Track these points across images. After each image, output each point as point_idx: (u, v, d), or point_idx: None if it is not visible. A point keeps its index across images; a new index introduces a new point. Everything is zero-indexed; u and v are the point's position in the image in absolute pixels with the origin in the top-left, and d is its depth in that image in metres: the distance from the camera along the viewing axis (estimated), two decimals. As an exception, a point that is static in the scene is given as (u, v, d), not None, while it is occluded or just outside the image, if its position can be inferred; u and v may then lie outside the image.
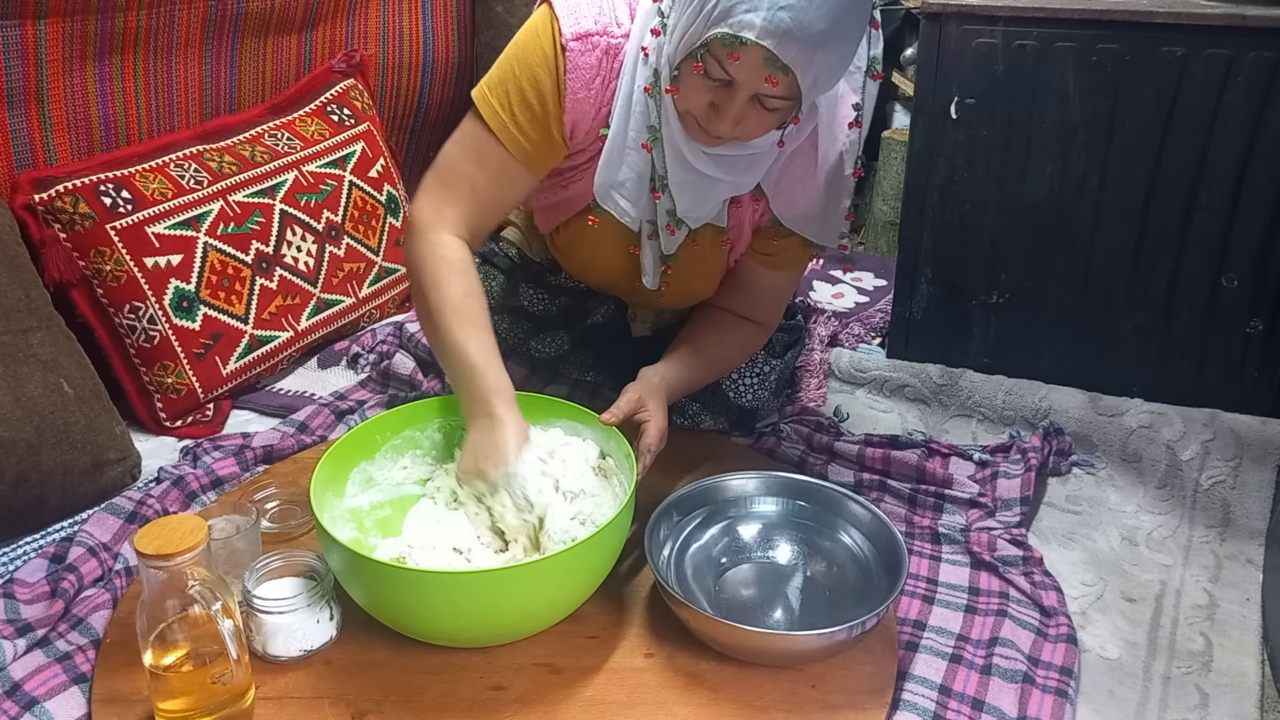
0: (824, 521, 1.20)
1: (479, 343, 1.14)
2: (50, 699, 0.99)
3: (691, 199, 1.19)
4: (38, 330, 1.32)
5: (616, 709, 0.99)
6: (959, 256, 1.65)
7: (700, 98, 1.07)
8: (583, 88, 1.15)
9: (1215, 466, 1.44)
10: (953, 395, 1.63)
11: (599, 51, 1.15)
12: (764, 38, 0.97)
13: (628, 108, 1.17)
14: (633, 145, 1.18)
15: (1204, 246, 1.51)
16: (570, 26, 1.13)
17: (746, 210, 1.29)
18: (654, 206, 1.22)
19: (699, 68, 1.04)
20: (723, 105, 1.06)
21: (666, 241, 1.25)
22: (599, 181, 1.21)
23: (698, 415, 1.47)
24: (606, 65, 1.16)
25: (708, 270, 1.35)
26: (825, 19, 0.97)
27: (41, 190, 1.44)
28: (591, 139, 1.21)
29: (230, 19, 1.73)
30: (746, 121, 1.07)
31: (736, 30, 0.98)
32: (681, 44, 1.05)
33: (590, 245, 1.33)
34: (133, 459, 1.39)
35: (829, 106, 1.19)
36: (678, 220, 1.22)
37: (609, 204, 1.23)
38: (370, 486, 1.20)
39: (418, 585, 0.99)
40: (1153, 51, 1.44)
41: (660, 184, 1.18)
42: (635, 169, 1.19)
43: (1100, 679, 1.11)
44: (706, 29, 1.00)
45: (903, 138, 2.63)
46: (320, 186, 1.75)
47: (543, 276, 1.50)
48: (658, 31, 1.10)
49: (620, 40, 1.16)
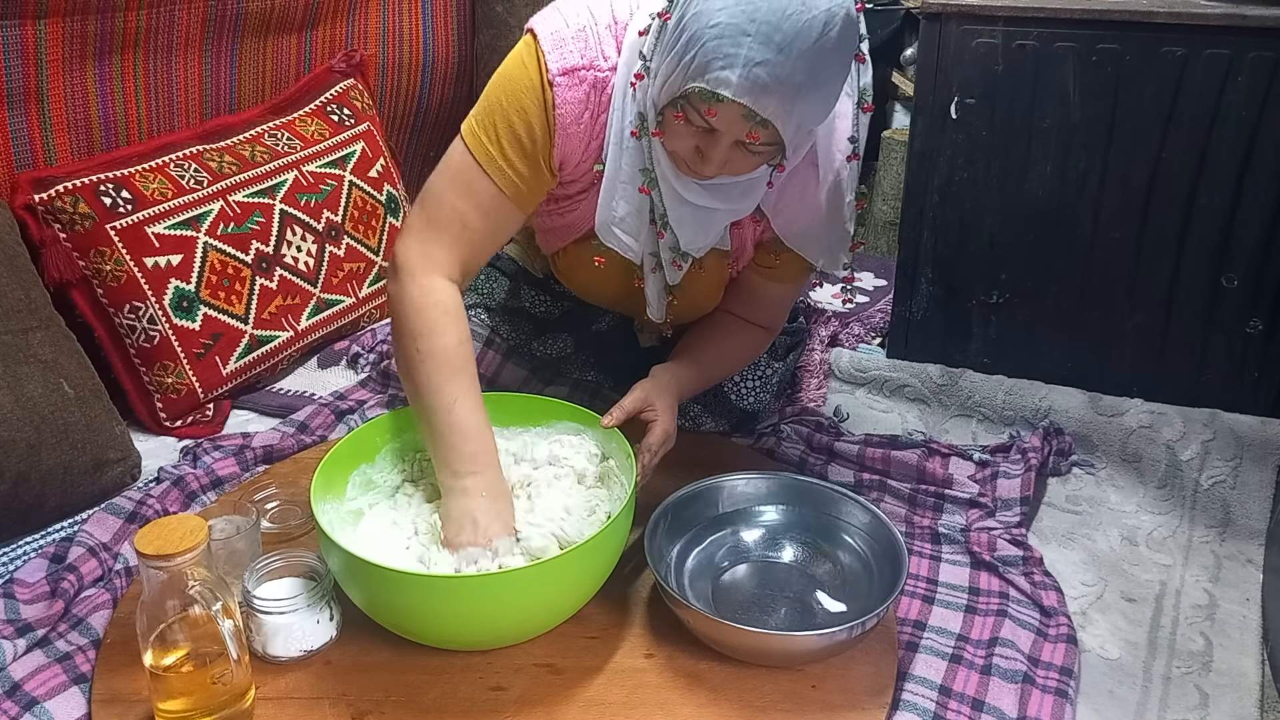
0: (824, 522, 1.20)
1: (469, 400, 1.10)
2: (50, 699, 0.99)
3: (692, 232, 1.18)
4: (38, 330, 1.32)
5: (616, 709, 0.99)
6: (959, 256, 1.65)
7: (685, 142, 1.06)
8: (572, 122, 1.13)
9: (1215, 466, 1.44)
10: (953, 395, 1.63)
11: (586, 86, 1.13)
12: (740, 95, 0.96)
13: (620, 145, 1.14)
14: (628, 182, 1.15)
15: (1204, 246, 1.51)
16: (556, 62, 1.11)
17: (748, 230, 1.28)
18: (654, 238, 1.20)
19: (680, 117, 1.03)
20: (707, 150, 1.05)
21: (671, 274, 1.23)
22: (600, 219, 1.19)
23: (699, 417, 1.47)
24: (595, 99, 1.14)
25: (712, 289, 1.34)
26: (803, 70, 0.95)
27: (41, 190, 1.44)
28: (584, 171, 1.19)
29: (230, 19, 1.73)
30: (733, 163, 1.06)
31: (713, 87, 0.96)
32: (663, 91, 1.03)
33: (592, 272, 1.31)
34: (133, 459, 1.39)
35: (826, 126, 1.17)
36: (682, 254, 1.20)
37: (611, 240, 1.21)
38: (370, 489, 1.20)
39: (418, 589, 0.99)
40: (1153, 51, 1.44)
41: (662, 223, 1.17)
42: (632, 203, 1.17)
43: (1100, 679, 1.11)
44: (685, 81, 0.99)
45: (903, 138, 2.63)
46: (320, 186, 1.75)
47: (546, 283, 1.50)
48: (641, 76, 1.08)
49: (607, 73, 1.13)
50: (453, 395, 1.09)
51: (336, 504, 1.14)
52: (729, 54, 0.94)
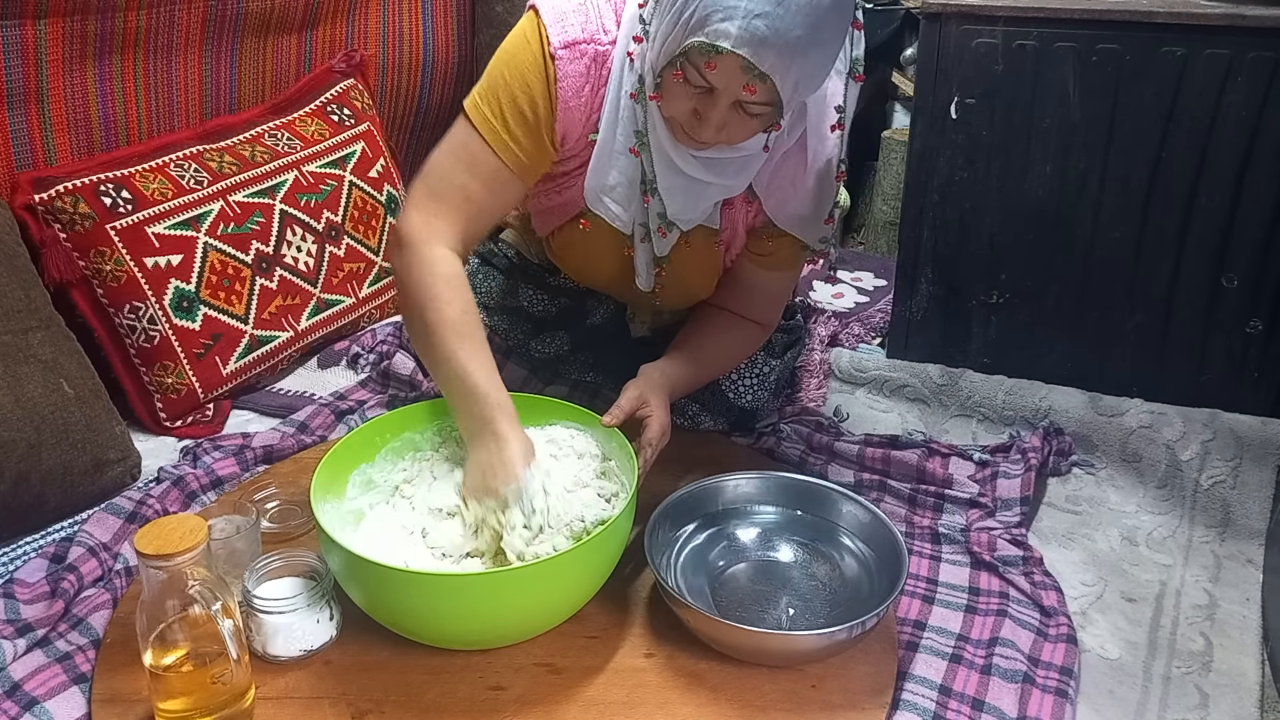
0: (824, 521, 1.20)
1: (479, 362, 1.12)
2: (50, 699, 0.99)
3: (681, 202, 1.20)
4: (38, 330, 1.32)
5: (616, 709, 0.99)
6: (959, 256, 1.65)
7: (683, 104, 1.07)
8: (573, 96, 1.15)
9: (1215, 466, 1.44)
10: (953, 395, 1.63)
11: (587, 59, 1.15)
12: (740, 46, 0.97)
13: (615, 113, 1.16)
14: (621, 150, 1.18)
15: (1204, 246, 1.51)
16: (558, 35, 1.13)
17: (740, 211, 1.29)
18: (645, 210, 1.22)
19: (679, 75, 1.04)
20: (705, 112, 1.06)
21: (659, 244, 1.25)
22: (589, 186, 1.21)
23: (697, 416, 1.47)
24: (595, 72, 1.16)
25: (702, 271, 1.35)
26: (802, 25, 0.96)
27: (41, 190, 1.44)
28: (582, 145, 1.21)
29: (230, 19, 1.73)
30: (730, 127, 1.07)
31: (712, 39, 0.98)
32: (662, 51, 1.05)
33: (584, 248, 1.33)
34: (133, 459, 1.39)
35: (817, 107, 1.19)
36: (669, 223, 1.22)
37: (599, 208, 1.23)
38: (370, 489, 1.20)
39: (418, 588, 0.99)
40: (1153, 51, 1.44)
41: (650, 188, 1.18)
42: (625, 173, 1.19)
43: (1100, 679, 1.11)
44: (684, 38, 1.00)
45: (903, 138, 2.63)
46: (320, 186, 1.75)
47: (541, 278, 1.50)
48: (640, 39, 1.10)
49: (608, 47, 1.15)
50: (463, 361, 1.12)
51: (337, 504, 1.14)
52: (728, 6, 0.96)
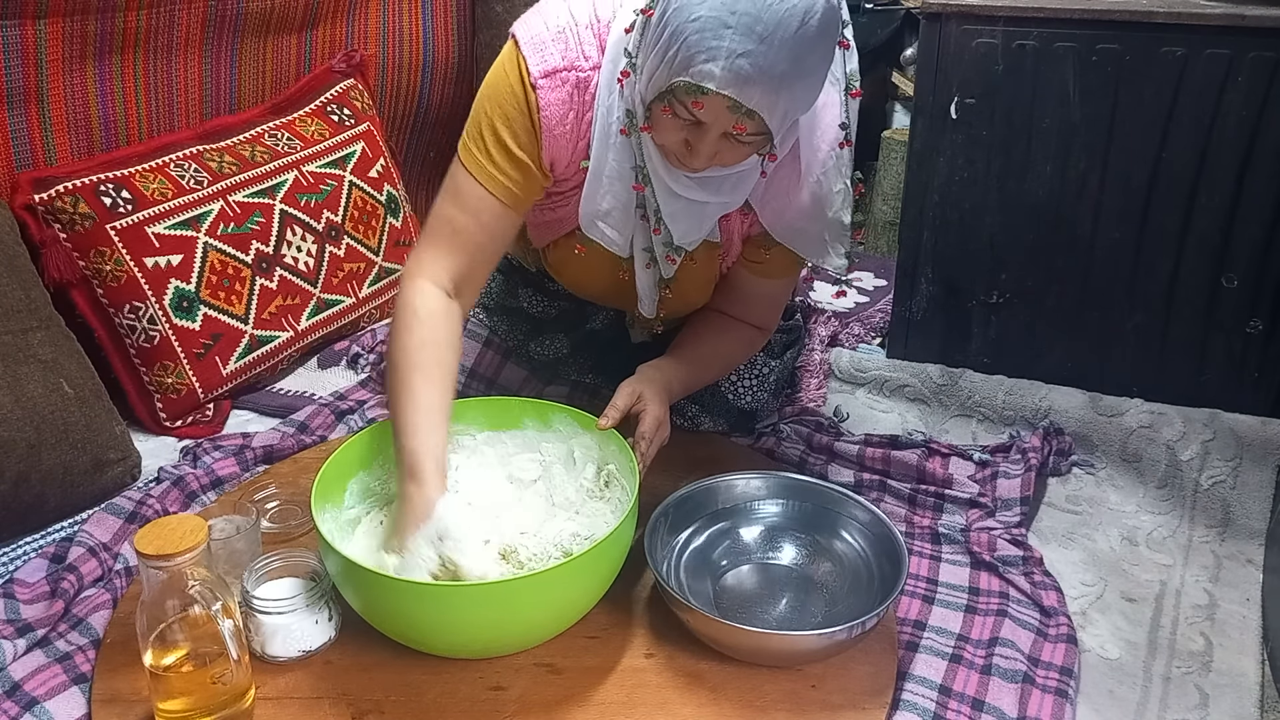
0: (824, 521, 1.20)
1: (416, 404, 1.09)
2: (50, 699, 0.99)
3: (685, 226, 1.19)
4: (38, 330, 1.32)
5: (616, 709, 0.99)
6: (959, 256, 1.65)
7: (673, 135, 1.06)
8: (558, 124, 1.14)
9: (1215, 466, 1.44)
10: (953, 395, 1.63)
11: (569, 87, 1.14)
12: (725, 87, 0.96)
13: (605, 140, 1.15)
14: (613, 176, 1.16)
15: (1204, 246, 1.51)
16: (537, 65, 1.12)
17: (735, 223, 1.28)
18: (646, 233, 1.21)
19: (667, 111, 1.03)
20: (695, 143, 1.05)
21: (666, 269, 1.24)
22: (584, 212, 1.20)
23: (697, 417, 1.47)
24: (579, 99, 1.15)
25: (702, 283, 1.34)
26: (787, 59, 0.95)
27: (41, 190, 1.44)
28: (573, 170, 1.20)
29: (230, 19, 1.73)
30: (723, 154, 1.07)
31: (697, 80, 0.97)
32: (649, 87, 1.04)
33: (580, 267, 1.32)
34: (133, 459, 1.39)
35: (808, 118, 1.17)
36: (676, 249, 1.21)
37: (594, 234, 1.22)
38: (368, 497, 1.19)
39: (417, 598, 0.98)
40: (1153, 51, 1.44)
41: (656, 219, 1.18)
42: (619, 199, 1.18)
43: (1100, 679, 1.11)
44: (669, 77, 0.99)
45: (903, 138, 2.63)
46: (320, 186, 1.75)
47: (541, 282, 1.50)
48: (628, 73, 1.09)
49: (589, 73, 1.14)
50: (401, 404, 1.10)
51: (335, 512, 1.13)
52: (711, 47, 0.95)
